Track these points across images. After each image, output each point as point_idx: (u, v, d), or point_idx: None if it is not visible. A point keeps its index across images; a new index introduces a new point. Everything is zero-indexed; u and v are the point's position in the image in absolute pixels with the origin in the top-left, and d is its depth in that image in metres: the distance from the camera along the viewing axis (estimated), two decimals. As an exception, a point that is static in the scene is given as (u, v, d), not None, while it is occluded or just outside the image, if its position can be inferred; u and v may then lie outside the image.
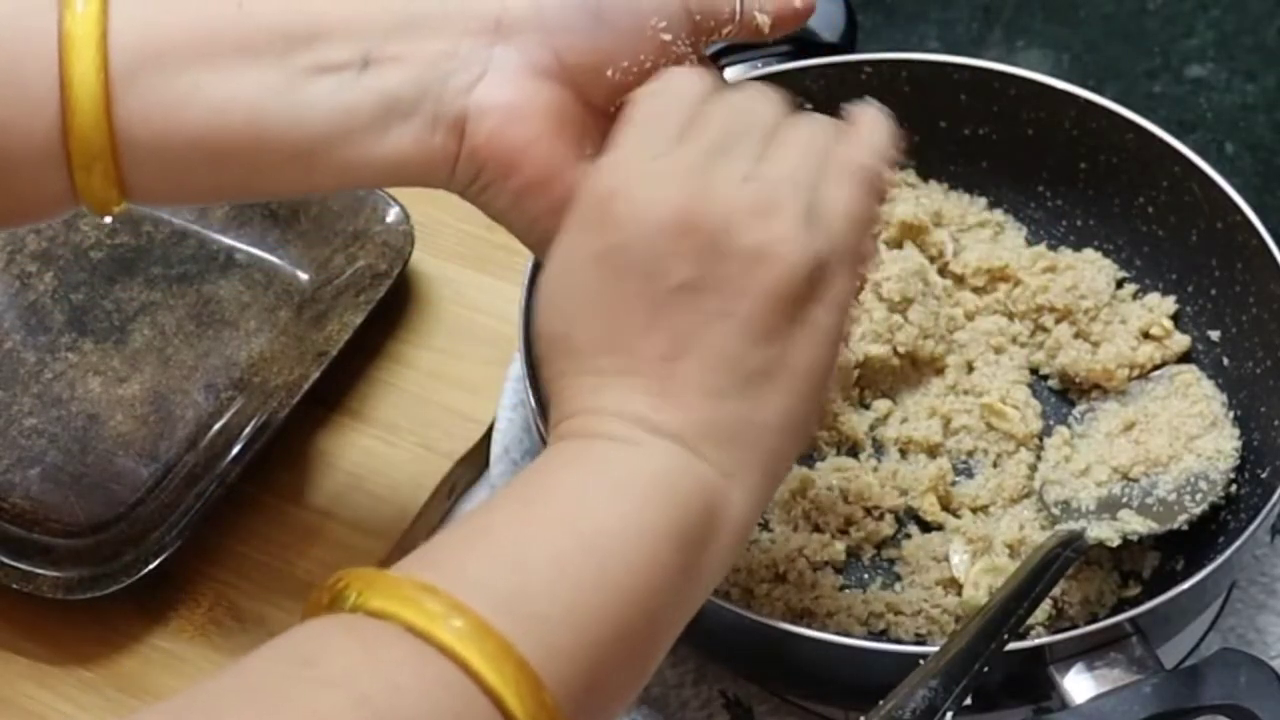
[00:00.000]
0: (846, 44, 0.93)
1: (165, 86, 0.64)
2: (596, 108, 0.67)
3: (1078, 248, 0.90)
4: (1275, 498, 0.75)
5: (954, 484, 0.83)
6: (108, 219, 0.68)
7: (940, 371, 0.87)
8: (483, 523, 0.59)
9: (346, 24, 0.65)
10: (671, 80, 0.66)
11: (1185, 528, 0.78)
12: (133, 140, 0.64)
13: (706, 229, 0.60)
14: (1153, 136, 0.86)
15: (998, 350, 0.87)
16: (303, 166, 0.66)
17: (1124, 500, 0.80)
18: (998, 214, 0.91)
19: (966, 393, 0.86)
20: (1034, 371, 0.88)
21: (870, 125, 0.67)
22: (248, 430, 0.87)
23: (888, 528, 0.82)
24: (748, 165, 0.62)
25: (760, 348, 0.61)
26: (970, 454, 0.85)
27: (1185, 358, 0.86)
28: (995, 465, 0.84)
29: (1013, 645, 0.70)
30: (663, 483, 0.59)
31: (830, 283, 0.62)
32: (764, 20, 0.69)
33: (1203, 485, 0.79)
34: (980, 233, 0.90)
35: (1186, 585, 0.73)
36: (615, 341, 0.61)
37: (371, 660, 0.52)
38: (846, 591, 0.80)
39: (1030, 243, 0.91)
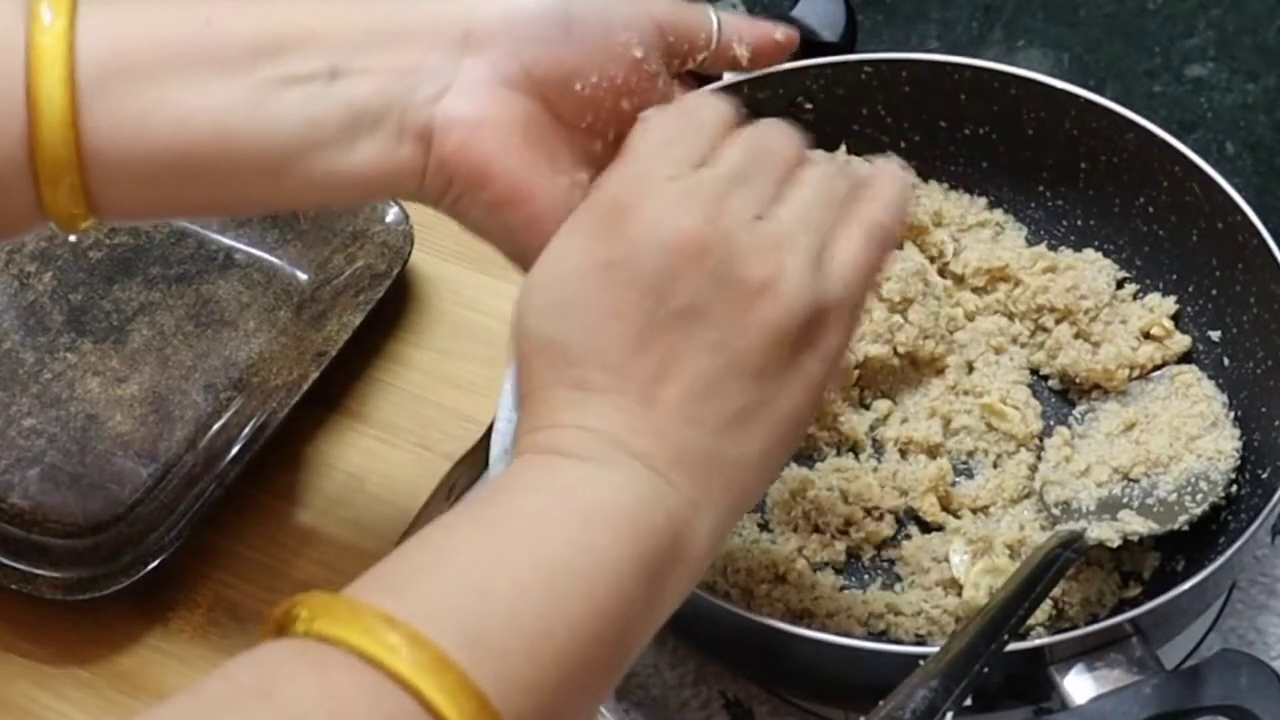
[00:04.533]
0: (846, 44, 0.93)
1: (132, 100, 0.64)
2: (566, 122, 0.67)
3: (1078, 248, 0.90)
4: (1276, 498, 0.75)
5: (954, 484, 0.83)
6: (72, 237, 0.67)
7: (940, 372, 0.87)
8: (445, 545, 0.58)
9: (315, 36, 0.65)
10: (696, 103, 0.65)
11: (1186, 528, 0.78)
12: (100, 154, 0.64)
13: (715, 257, 0.60)
14: (1153, 136, 0.86)
15: (998, 350, 0.87)
16: (270, 180, 0.66)
17: (1124, 501, 0.80)
18: (998, 214, 0.91)
19: (966, 393, 0.86)
20: (1034, 372, 0.87)
21: (889, 181, 0.67)
22: (247, 431, 0.87)
23: (888, 528, 0.82)
24: (763, 201, 0.62)
25: (748, 385, 0.61)
26: (970, 454, 0.85)
27: (1186, 358, 0.86)
28: (995, 466, 0.84)
29: (1013, 646, 0.70)
30: (633, 515, 0.59)
31: (826, 332, 0.62)
32: (742, 52, 0.69)
33: (1203, 486, 0.79)
34: (980, 233, 0.90)
35: (1187, 586, 0.73)
36: (606, 355, 0.60)
37: (328, 692, 0.52)
38: (846, 592, 0.80)
39: (1030, 243, 0.91)
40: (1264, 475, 0.79)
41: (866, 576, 0.82)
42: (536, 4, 0.66)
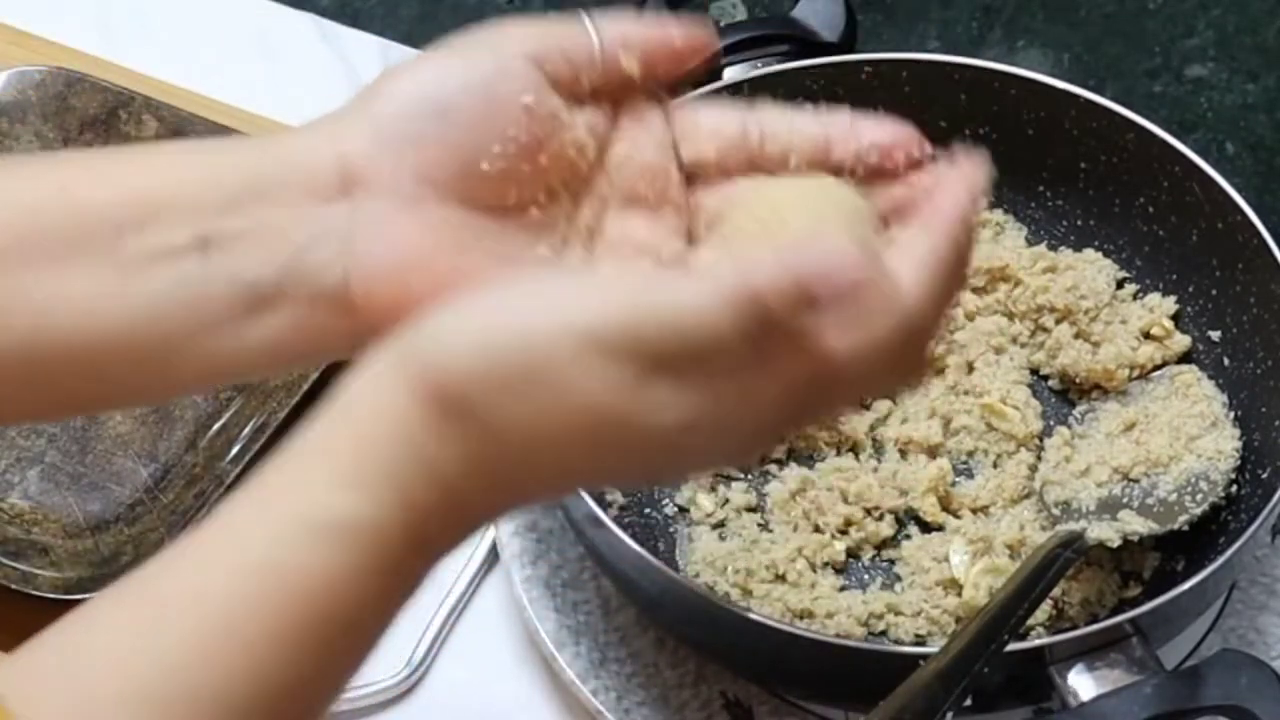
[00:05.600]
0: (846, 44, 0.93)
1: None
2: (492, 210, 0.58)
3: (1078, 248, 0.90)
4: (1276, 498, 0.75)
5: (954, 484, 0.83)
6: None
7: (940, 372, 0.86)
8: (108, 617, 0.53)
9: (176, 200, 0.56)
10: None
11: (1186, 528, 0.78)
12: None
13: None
14: (1153, 136, 0.86)
15: (998, 350, 0.87)
16: (157, 369, 0.58)
17: (1124, 501, 0.80)
18: (998, 214, 0.91)
19: (967, 393, 0.86)
20: (1034, 372, 0.87)
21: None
22: (246, 431, 0.87)
23: (888, 528, 0.82)
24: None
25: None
26: (970, 454, 0.85)
27: (1186, 358, 0.86)
28: (995, 466, 0.84)
29: (1013, 646, 0.70)
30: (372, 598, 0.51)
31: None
32: (630, 63, 0.58)
33: (1203, 486, 0.79)
34: (980, 233, 0.90)
35: (1187, 586, 0.73)
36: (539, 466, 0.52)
37: None
38: (846, 592, 0.80)
39: (1030, 243, 0.91)
40: (1264, 475, 0.79)
41: (866, 576, 0.82)
42: (400, 104, 0.57)
